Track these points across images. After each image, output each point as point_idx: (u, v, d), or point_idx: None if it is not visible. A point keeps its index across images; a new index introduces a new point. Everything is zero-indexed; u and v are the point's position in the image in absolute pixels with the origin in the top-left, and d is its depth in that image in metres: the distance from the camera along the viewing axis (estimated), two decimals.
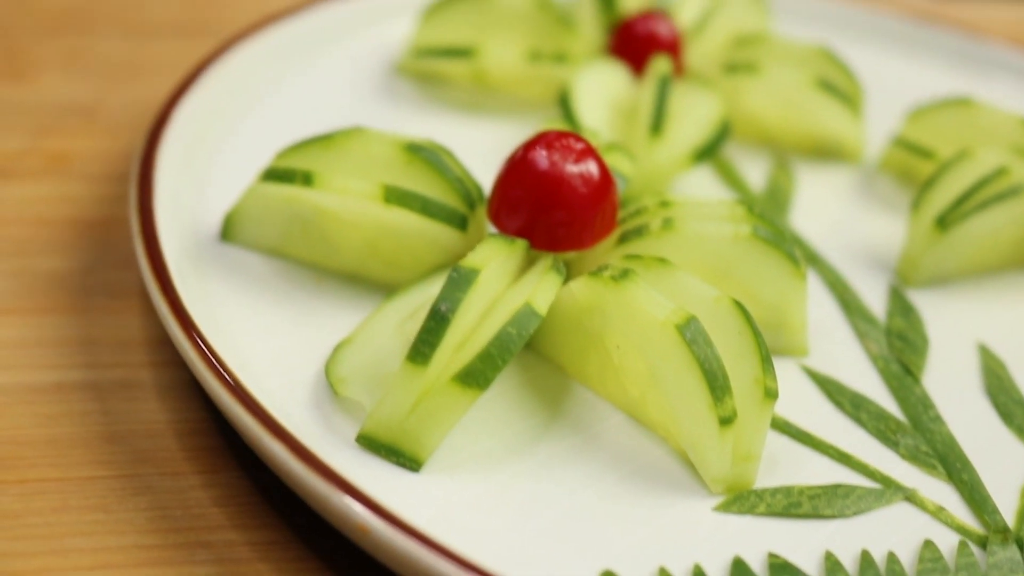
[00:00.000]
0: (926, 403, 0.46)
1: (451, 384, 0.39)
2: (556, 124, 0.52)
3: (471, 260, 0.41)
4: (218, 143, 0.53)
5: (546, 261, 0.44)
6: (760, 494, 0.41)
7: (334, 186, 0.45)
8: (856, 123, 0.61)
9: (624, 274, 0.42)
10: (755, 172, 0.60)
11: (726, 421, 0.40)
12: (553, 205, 0.44)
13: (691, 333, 0.40)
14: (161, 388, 0.44)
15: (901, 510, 0.42)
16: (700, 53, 0.63)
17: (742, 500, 0.41)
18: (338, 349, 0.42)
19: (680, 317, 0.41)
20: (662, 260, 0.43)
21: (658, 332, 0.41)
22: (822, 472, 0.43)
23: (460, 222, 0.45)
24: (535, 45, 0.61)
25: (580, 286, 0.43)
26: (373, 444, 0.40)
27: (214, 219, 0.48)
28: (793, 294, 0.46)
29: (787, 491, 0.41)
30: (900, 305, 0.51)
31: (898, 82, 0.68)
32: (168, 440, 0.42)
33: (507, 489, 0.40)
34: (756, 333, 0.41)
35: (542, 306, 0.40)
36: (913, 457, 0.44)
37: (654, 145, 0.54)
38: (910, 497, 0.42)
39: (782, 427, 0.44)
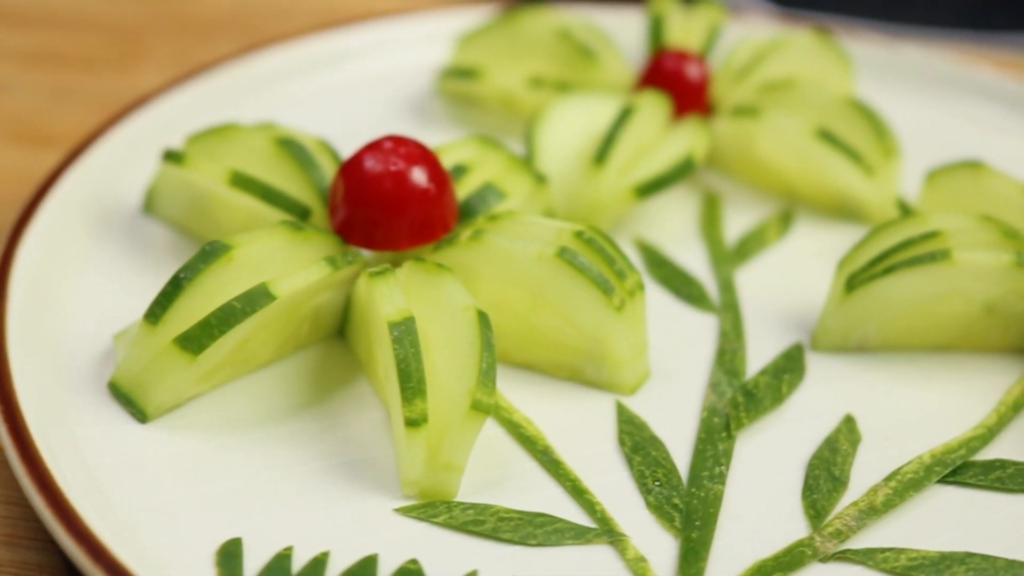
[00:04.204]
0: (720, 460, 0.43)
1: (171, 346, 0.42)
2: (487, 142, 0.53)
3: (233, 238, 0.44)
4: None
5: (332, 253, 0.45)
6: (452, 506, 0.40)
7: (200, 168, 0.49)
8: (871, 181, 0.56)
9: (381, 272, 0.43)
10: (749, 221, 0.57)
11: (412, 423, 0.40)
12: (363, 203, 0.46)
13: (399, 331, 0.41)
14: None
15: (595, 552, 0.40)
16: (736, 97, 0.61)
17: (429, 508, 0.40)
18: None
19: (397, 316, 0.41)
20: (439, 266, 0.44)
21: (382, 327, 0.42)
22: (547, 500, 0.41)
23: (301, 213, 0.48)
24: (557, 73, 0.62)
25: (359, 282, 0.44)
26: (116, 392, 0.43)
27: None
28: (609, 326, 0.45)
29: (481, 509, 0.40)
30: (783, 365, 0.48)
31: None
32: None
33: (220, 453, 0.42)
34: (484, 347, 0.41)
35: (281, 289, 0.42)
36: (657, 507, 0.41)
37: (594, 175, 0.53)
38: (615, 542, 0.40)
39: (539, 451, 0.43)
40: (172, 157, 0.50)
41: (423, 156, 0.47)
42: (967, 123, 0.66)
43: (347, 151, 0.49)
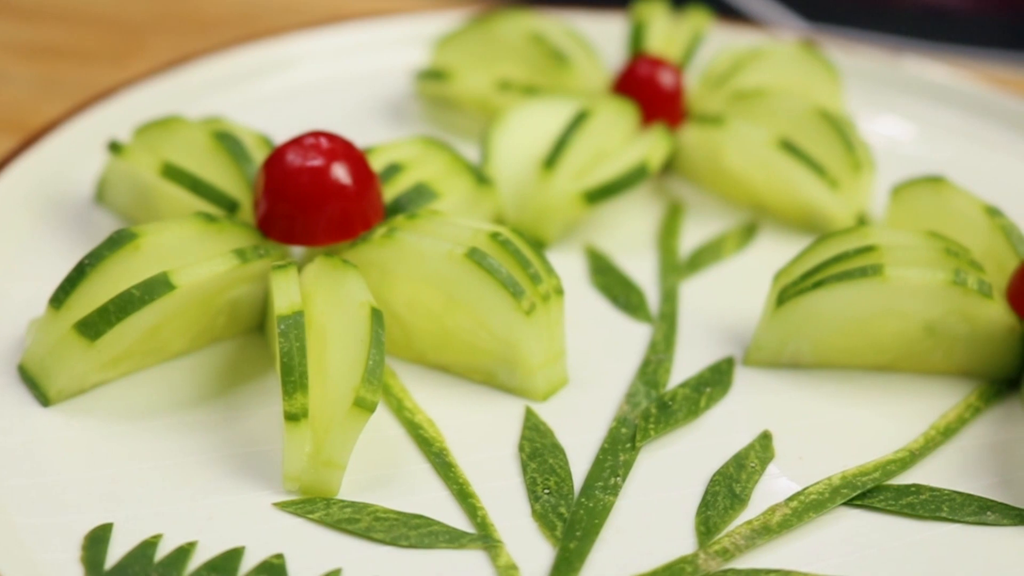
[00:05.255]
0: (618, 471, 0.42)
1: (71, 331, 0.42)
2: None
3: (141, 227, 0.44)
4: None
5: (243, 246, 0.45)
6: (331, 503, 0.40)
7: (136, 159, 0.49)
8: (836, 194, 0.54)
9: (282, 266, 0.43)
10: (711, 231, 0.56)
11: (292, 417, 0.40)
12: (281, 198, 0.46)
13: (286, 325, 0.41)
14: None
15: (468, 557, 0.39)
16: (710, 106, 0.60)
17: (307, 503, 0.40)
18: None
19: (287, 309, 0.41)
20: (345, 262, 0.44)
21: (274, 321, 0.41)
22: (431, 503, 0.41)
23: (229, 206, 0.48)
24: (530, 77, 0.61)
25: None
26: (24, 375, 0.44)
27: None
28: (520, 330, 0.44)
29: (360, 507, 0.40)
30: (708, 378, 0.46)
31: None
32: None
33: (114, 440, 0.42)
34: (373, 345, 0.41)
35: (181, 279, 0.42)
36: (542, 515, 0.40)
37: (544, 180, 0.53)
38: (489, 548, 0.39)
39: (434, 453, 0.42)
40: (114, 148, 0.50)
41: (346, 153, 0.46)
42: (963, 138, 0.64)
43: None
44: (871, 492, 0.42)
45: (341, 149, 0.46)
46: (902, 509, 0.41)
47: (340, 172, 0.46)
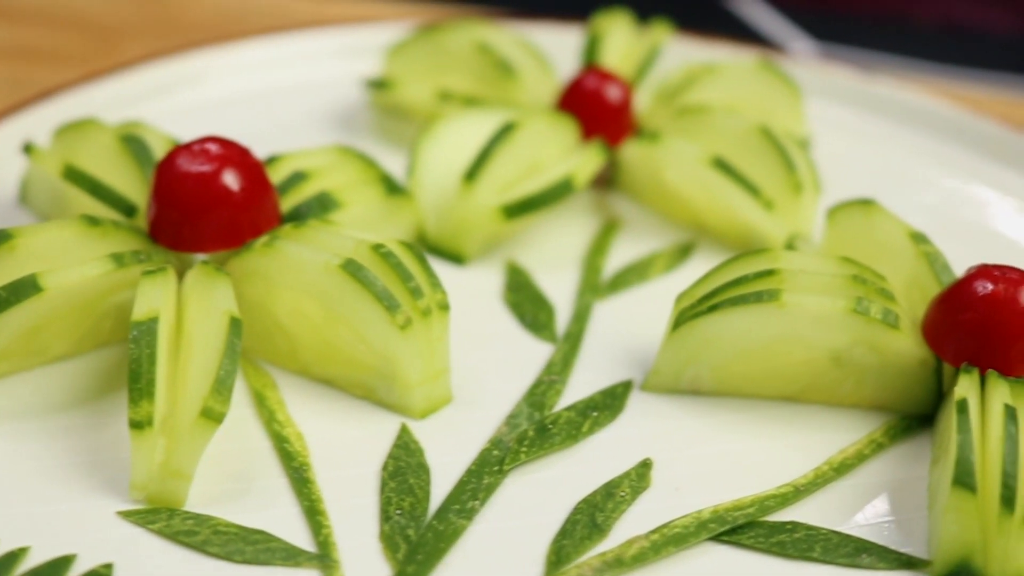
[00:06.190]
0: (478, 495, 0.41)
1: None
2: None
3: (18, 228, 0.43)
4: None
5: (124, 250, 0.45)
6: (174, 514, 0.39)
7: (45, 161, 0.49)
8: (771, 215, 0.52)
9: (152, 271, 0.42)
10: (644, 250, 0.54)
11: (137, 425, 0.39)
12: (168, 203, 0.45)
13: (138, 331, 0.40)
14: None
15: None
16: (658, 121, 0.58)
17: (150, 514, 0.39)
18: None
19: (142, 316, 0.40)
20: (217, 269, 0.43)
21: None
22: (278, 518, 0.39)
23: (127, 210, 0.47)
24: (476, 88, 0.60)
25: None
26: None
27: None
28: (396, 345, 0.43)
29: (202, 520, 0.39)
30: (599, 402, 0.45)
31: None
32: None
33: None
34: (226, 354, 0.40)
35: (49, 282, 0.42)
36: (388, 537, 0.39)
37: (464, 193, 0.51)
38: (325, 568, 0.38)
39: (293, 468, 0.41)
40: (27, 149, 0.50)
41: (238, 159, 0.46)
42: (931, 160, 0.61)
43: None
44: (742, 528, 0.40)
45: (233, 155, 0.46)
46: (771, 547, 0.39)
47: (229, 179, 0.45)
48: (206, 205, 0.45)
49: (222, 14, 0.75)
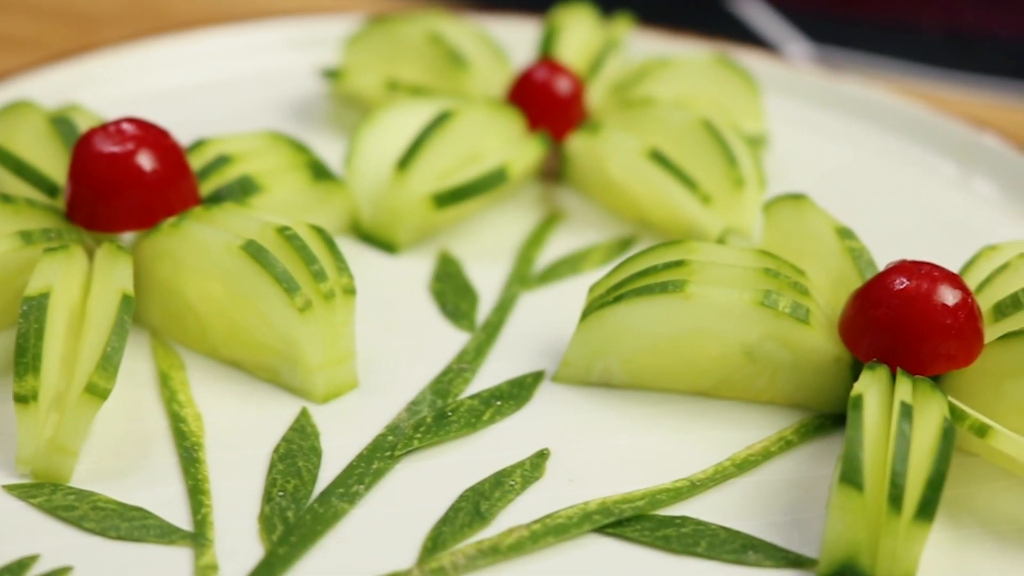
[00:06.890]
0: (364, 480, 0.40)
1: None
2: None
3: None
4: None
5: (31, 228, 0.45)
6: (57, 489, 0.39)
7: None
8: (709, 209, 0.52)
9: (54, 249, 0.43)
10: (583, 242, 0.53)
11: (21, 399, 0.39)
12: (82, 183, 0.45)
13: (28, 306, 0.40)
14: None
15: (172, 553, 0.37)
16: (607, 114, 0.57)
17: (33, 488, 0.39)
18: None
19: (33, 291, 0.41)
20: (120, 248, 0.43)
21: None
22: (161, 497, 0.39)
23: (49, 189, 0.48)
24: (427, 78, 0.60)
25: None
26: None
27: None
28: (296, 328, 0.42)
29: (84, 495, 0.39)
30: (505, 391, 0.44)
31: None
32: None
33: None
34: (115, 331, 0.40)
35: None
36: (267, 518, 0.39)
37: (396, 182, 0.51)
38: (197, 546, 0.38)
39: (185, 447, 0.41)
40: None
41: (154, 141, 0.46)
42: (891, 158, 0.60)
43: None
44: (629, 521, 0.39)
45: (149, 137, 0.46)
46: (655, 541, 0.38)
47: (143, 159, 0.45)
48: (119, 185, 0.45)
49: (206, 6, 0.75)
